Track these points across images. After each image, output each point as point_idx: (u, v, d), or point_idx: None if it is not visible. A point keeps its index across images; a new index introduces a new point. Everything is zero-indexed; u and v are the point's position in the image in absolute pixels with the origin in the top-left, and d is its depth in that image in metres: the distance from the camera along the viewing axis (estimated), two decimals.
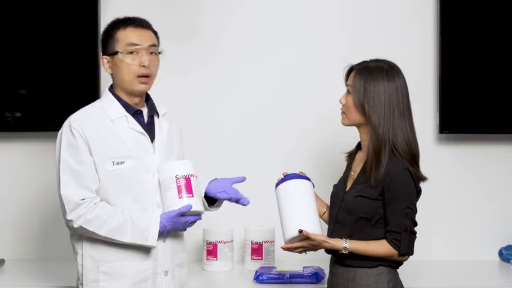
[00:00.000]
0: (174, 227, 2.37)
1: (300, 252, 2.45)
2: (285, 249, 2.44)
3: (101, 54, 2.47)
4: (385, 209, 2.35)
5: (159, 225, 2.35)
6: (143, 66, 2.38)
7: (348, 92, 2.45)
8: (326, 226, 2.52)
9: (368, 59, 2.47)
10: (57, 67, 3.32)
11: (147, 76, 2.41)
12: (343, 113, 2.48)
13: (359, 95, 2.39)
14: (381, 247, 2.35)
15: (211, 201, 2.57)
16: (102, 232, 2.32)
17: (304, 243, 2.40)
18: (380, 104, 2.37)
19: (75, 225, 2.33)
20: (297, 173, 2.53)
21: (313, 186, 2.52)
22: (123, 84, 2.42)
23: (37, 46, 3.31)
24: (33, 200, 3.40)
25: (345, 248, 2.36)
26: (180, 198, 2.35)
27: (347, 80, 2.49)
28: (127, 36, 2.40)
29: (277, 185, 2.50)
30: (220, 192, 2.52)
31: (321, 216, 2.54)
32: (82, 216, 2.31)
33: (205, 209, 2.53)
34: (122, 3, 3.36)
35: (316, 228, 2.39)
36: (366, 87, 2.38)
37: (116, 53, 2.39)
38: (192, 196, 2.36)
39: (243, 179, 2.57)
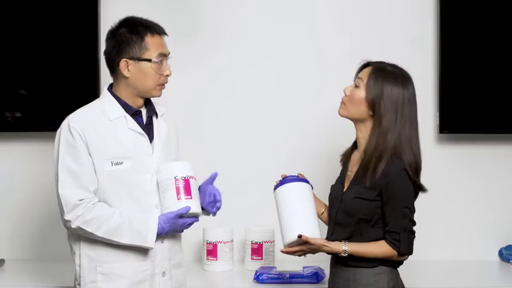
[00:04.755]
0: (172, 228, 2.37)
1: (299, 255, 2.44)
2: (284, 252, 2.44)
3: (117, 56, 2.40)
4: (383, 209, 2.35)
5: (157, 227, 2.35)
6: (166, 75, 2.43)
7: (356, 85, 2.41)
8: (325, 226, 2.52)
9: (385, 61, 2.43)
10: (57, 67, 3.32)
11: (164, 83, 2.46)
12: (343, 103, 2.44)
13: (373, 93, 2.36)
14: (380, 248, 2.34)
15: None
16: (100, 233, 2.32)
17: (303, 247, 2.39)
18: (393, 110, 2.35)
19: (73, 226, 2.33)
20: (296, 175, 2.50)
21: (312, 188, 2.50)
22: (142, 89, 2.42)
23: (37, 46, 3.31)
24: (32, 200, 3.40)
25: (345, 251, 2.35)
26: (178, 199, 2.35)
27: (359, 72, 2.44)
28: (158, 45, 2.41)
29: (275, 187, 2.47)
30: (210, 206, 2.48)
31: (319, 216, 2.52)
32: (80, 217, 2.31)
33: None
34: (122, 3, 3.35)
35: (316, 232, 2.38)
36: (383, 89, 2.35)
37: (146, 60, 2.38)
38: (191, 198, 2.36)
39: (215, 175, 2.51)
